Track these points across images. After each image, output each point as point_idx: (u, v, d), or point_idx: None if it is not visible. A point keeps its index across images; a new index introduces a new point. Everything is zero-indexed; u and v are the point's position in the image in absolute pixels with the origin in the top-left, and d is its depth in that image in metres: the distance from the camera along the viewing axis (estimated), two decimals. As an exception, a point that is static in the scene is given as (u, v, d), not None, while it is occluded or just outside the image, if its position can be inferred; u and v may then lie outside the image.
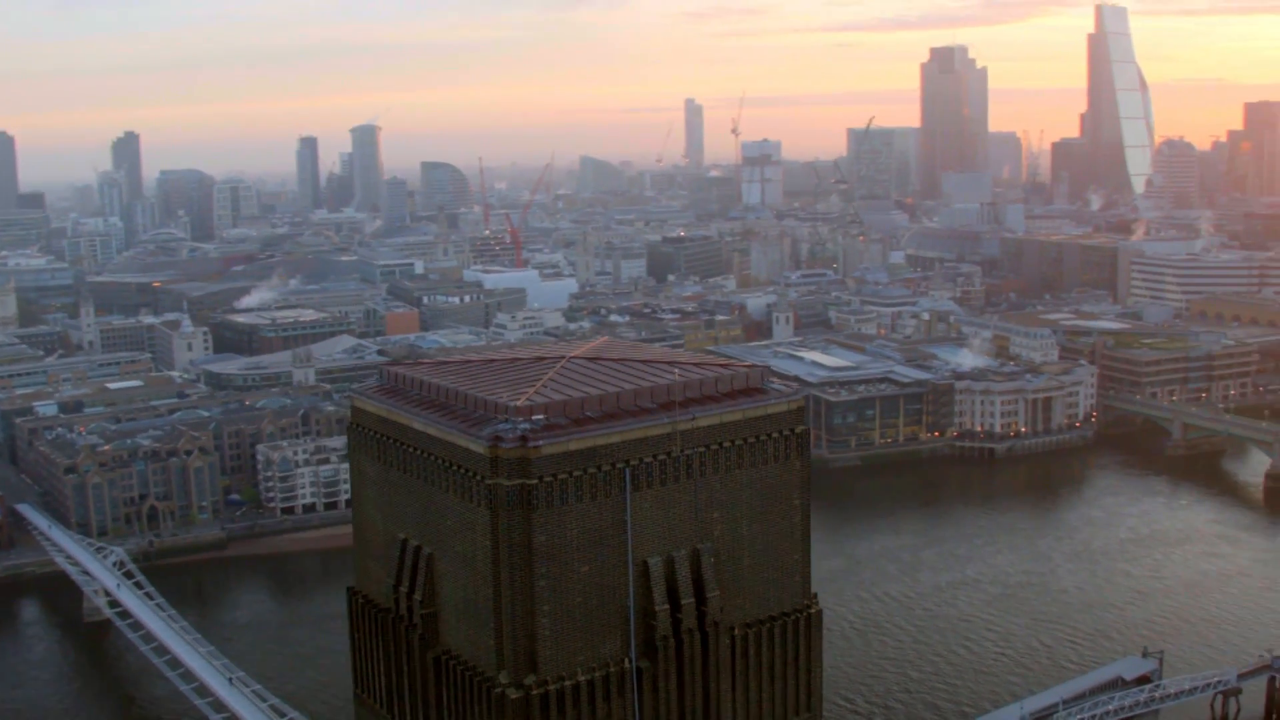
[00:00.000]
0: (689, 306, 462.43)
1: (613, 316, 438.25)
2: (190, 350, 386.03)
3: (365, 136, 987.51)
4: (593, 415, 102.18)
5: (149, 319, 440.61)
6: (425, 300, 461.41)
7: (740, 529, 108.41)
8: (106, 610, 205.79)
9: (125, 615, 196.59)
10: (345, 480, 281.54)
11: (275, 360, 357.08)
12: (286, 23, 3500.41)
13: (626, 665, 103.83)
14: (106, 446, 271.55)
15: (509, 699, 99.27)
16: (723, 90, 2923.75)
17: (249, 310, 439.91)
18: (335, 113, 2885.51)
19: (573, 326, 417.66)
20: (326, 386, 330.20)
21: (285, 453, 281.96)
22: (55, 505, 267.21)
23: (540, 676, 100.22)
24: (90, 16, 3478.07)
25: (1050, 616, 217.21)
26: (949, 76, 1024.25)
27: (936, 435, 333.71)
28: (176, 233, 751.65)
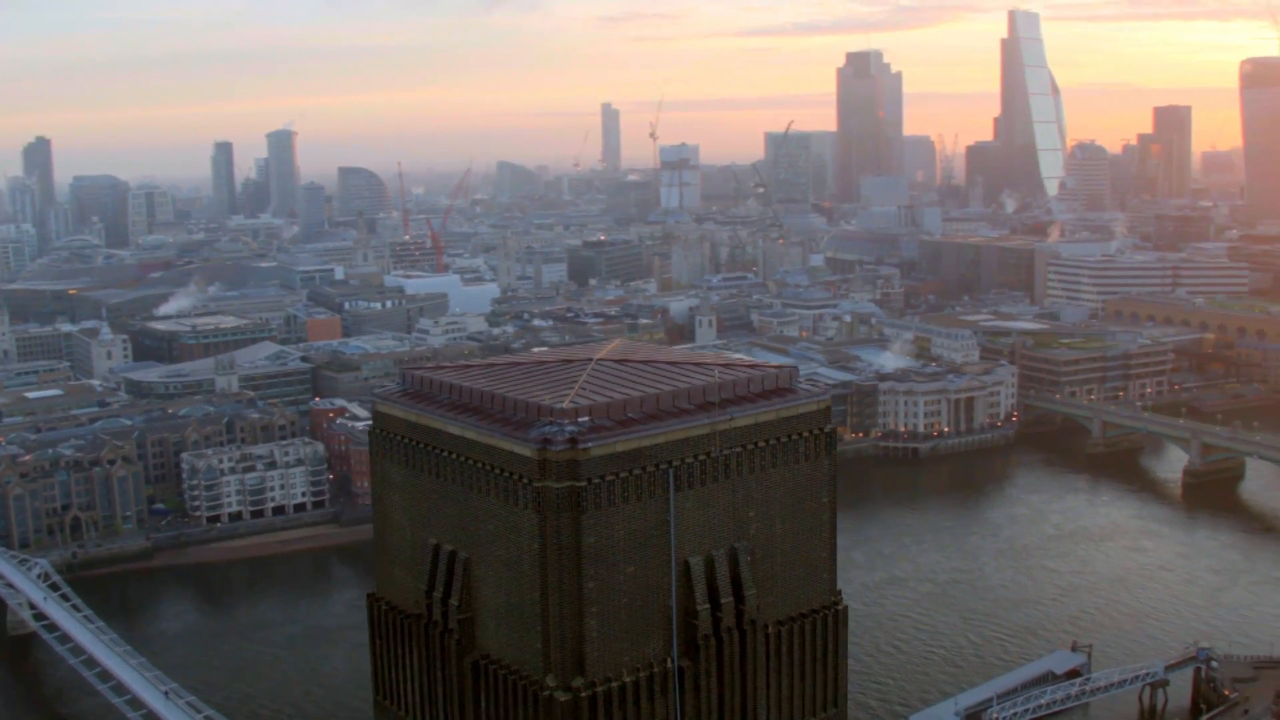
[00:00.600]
0: (611, 310, 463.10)
1: (536, 321, 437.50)
2: (110, 358, 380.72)
3: (281, 141, 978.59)
4: (635, 417, 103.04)
5: (66, 327, 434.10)
6: (347, 306, 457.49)
7: (774, 527, 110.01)
8: (32, 623, 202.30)
9: (52, 628, 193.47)
10: (272, 488, 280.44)
11: (197, 367, 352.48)
12: (200, 27, 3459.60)
13: (669, 665, 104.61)
14: (27, 456, 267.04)
15: (557, 701, 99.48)
16: (639, 94, 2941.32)
17: (168, 317, 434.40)
18: (250, 118, 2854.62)
19: (496, 332, 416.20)
20: (250, 393, 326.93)
21: (210, 461, 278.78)
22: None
23: (588, 678, 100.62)
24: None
25: (980, 613, 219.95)
26: (864, 81, 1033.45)
27: (861, 436, 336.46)
28: (91, 239, 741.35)
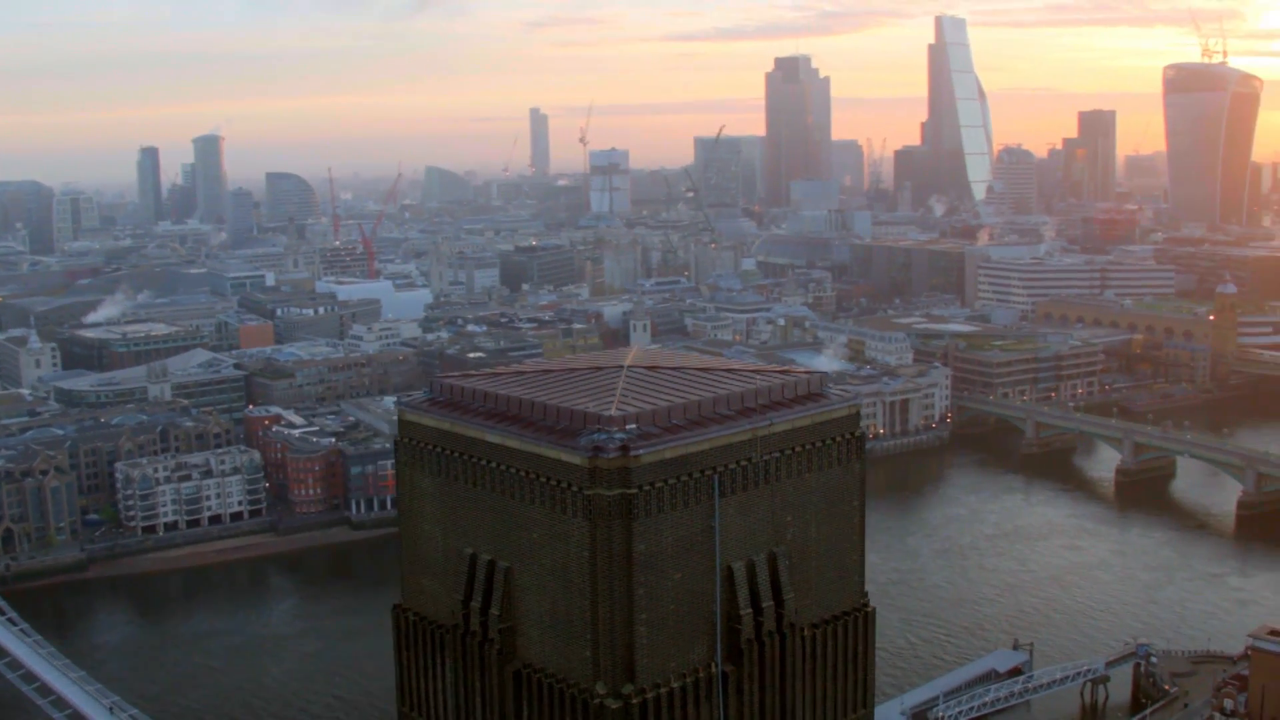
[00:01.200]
0: (545, 315, 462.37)
1: (470, 327, 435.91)
2: (39, 366, 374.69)
3: (208, 147, 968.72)
4: (679, 423, 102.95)
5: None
6: (279, 312, 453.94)
7: (809, 531, 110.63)
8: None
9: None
10: (208, 497, 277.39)
11: (129, 376, 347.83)
12: (124, 30, 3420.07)
13: (713, 669, 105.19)
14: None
15: (608, 709, 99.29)
16: (567, 99, 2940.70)
17: (98, 325, 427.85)
18: (176, 122, 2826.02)
19: (430, 338, 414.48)
20: (184, 401, 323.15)
21: (145, 470, 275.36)
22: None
23: (638, 685, 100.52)
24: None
25: (922, 612, 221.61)
26: (793, 86, 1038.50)
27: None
28: (15, 245, 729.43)
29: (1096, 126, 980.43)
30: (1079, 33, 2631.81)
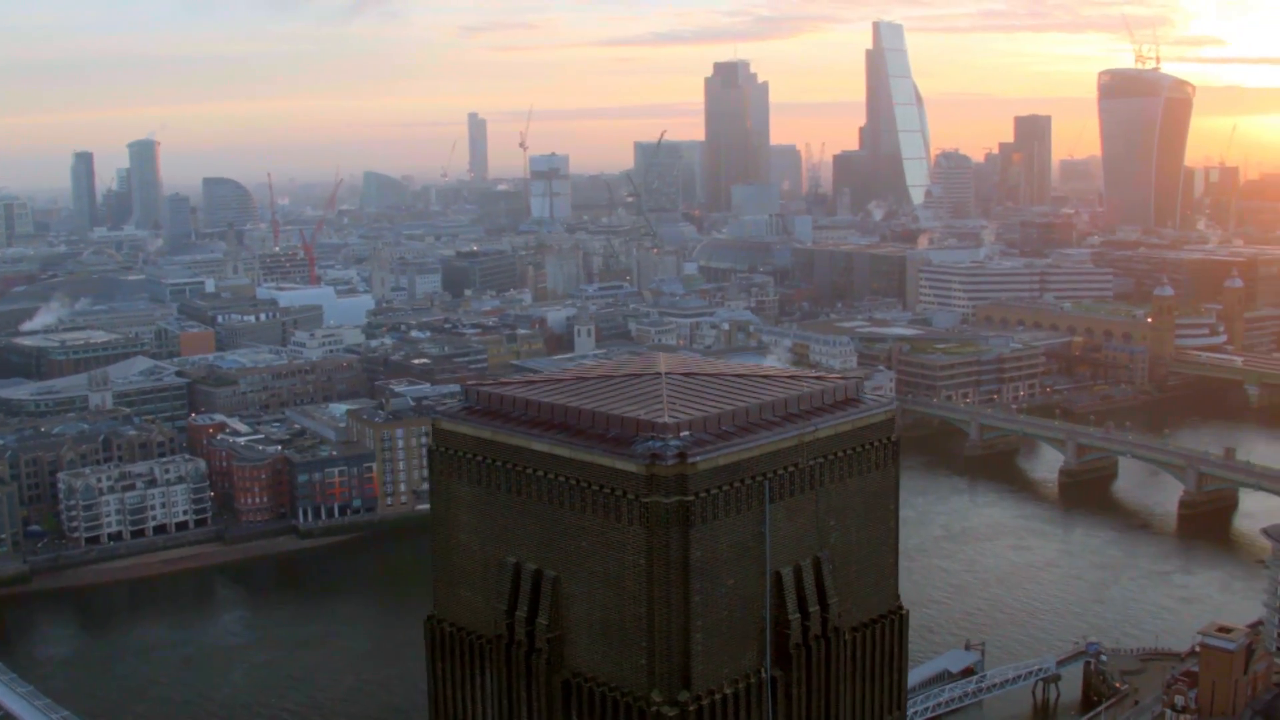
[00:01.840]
0: (489, 321, 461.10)
1: (414, 333, 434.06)
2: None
3: (143, 151, 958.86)
4: (730, 430, 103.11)
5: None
6: (220, 319, 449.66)
7: (851, 536, 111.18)
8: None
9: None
10: (152, 507, 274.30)
11: (68, 384, 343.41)
12: (55, 33, 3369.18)
13: (762, 675, 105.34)
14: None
15: (665, 717, 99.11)
16: (505, 104, 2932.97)
17: (35, 332, 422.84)
18: (111, 127, 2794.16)
19: (374, 344, 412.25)
20: (126, 410, 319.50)
21: (88, 480, 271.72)
22: None
23: (694, 692, 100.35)
24: None
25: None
26: (732, 91, 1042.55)
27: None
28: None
29: (1032, 131, 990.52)
30: (1011, 38, 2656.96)
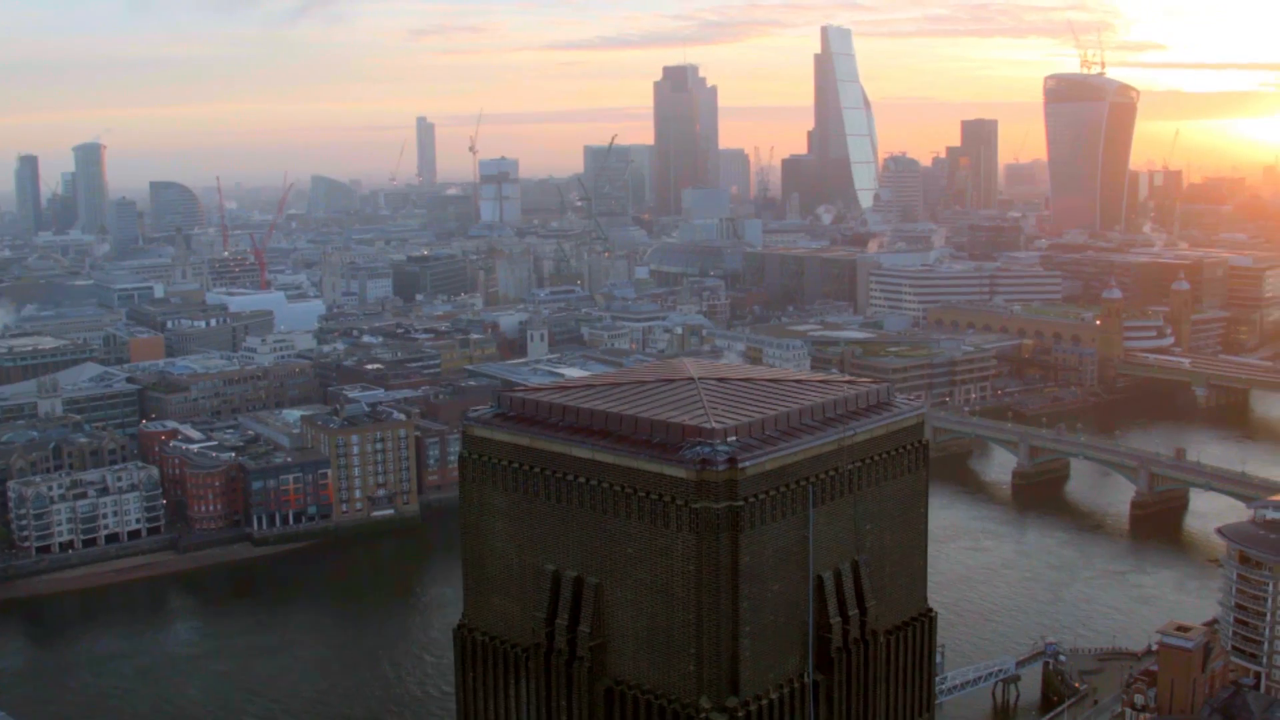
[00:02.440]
0: (442, 326, 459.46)
1: (366, 338, 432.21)
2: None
3: (89, 155, 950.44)
4: (773, 435, 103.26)
5: None
6: (169, 325, 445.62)
7: (885, 539, 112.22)
8: None
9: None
10: (104, 515, 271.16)
11: (17, 391, 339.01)
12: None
13: (805, 679, 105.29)
14: None
15: None
16: (453, 108, 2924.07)
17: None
18: (56, 130, 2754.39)
19: (326, 349, 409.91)
20: (76, 417, 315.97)
21: (39, 488, 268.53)
22: None
23: (742, 697, 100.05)
24: None
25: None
26: (681, 95, 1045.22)
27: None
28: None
29: (979, 135, 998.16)
30: (955, 43, 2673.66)
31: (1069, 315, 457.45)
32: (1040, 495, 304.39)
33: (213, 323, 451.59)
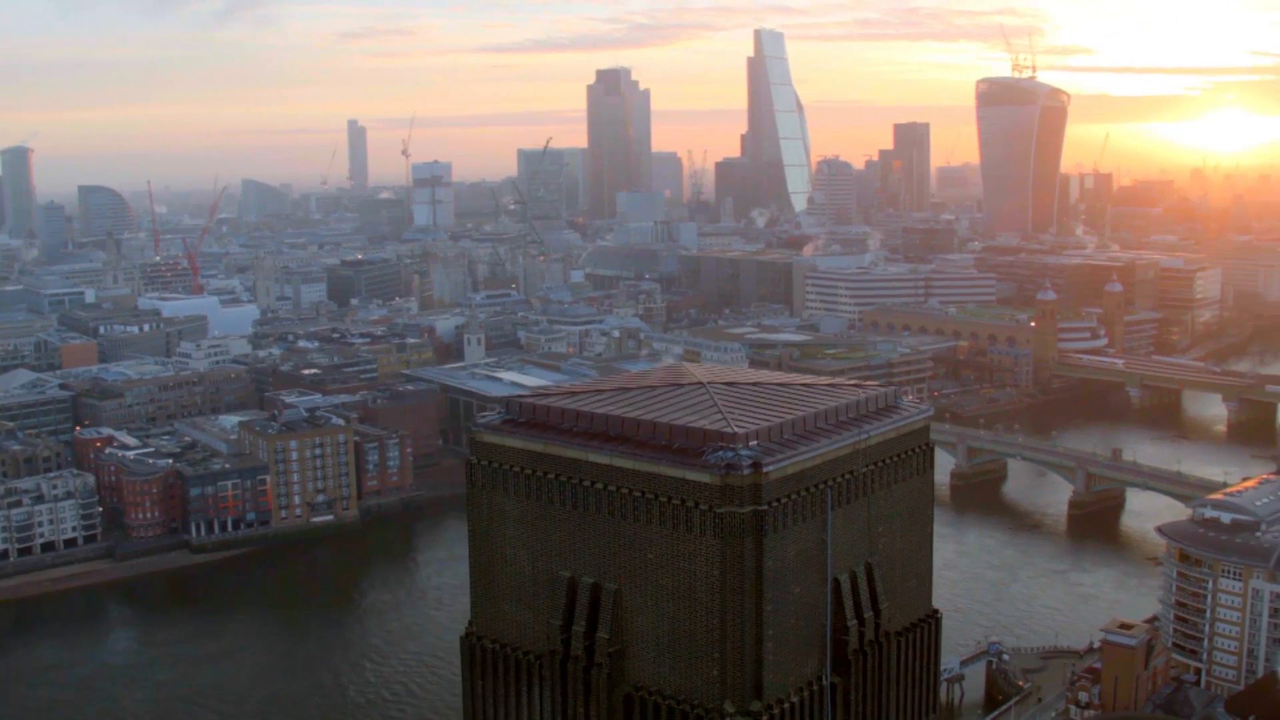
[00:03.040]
0: (378, 330, 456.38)
1: (302, 343, 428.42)
2: None
3: (16, 159, 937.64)
4: (792, 438, 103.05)
5: None
6: (102, 330, 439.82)
7: (896, 541, 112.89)
8: None
9: None
10: (40, 523, 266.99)
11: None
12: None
13: (824, 682, 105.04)
14: None
15: None
16: (385, 111, 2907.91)
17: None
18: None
19: (261, 354, 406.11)
20: (9, 424, 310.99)
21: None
22: None
23: (765, 701, 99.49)
24: None
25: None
26: (614, 98, 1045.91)
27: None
28: None
29: (911, 138, 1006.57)
30: (886, 47, 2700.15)
31: (1004, 317, 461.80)
32: (979, 496, 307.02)
33: (146, 328, 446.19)
